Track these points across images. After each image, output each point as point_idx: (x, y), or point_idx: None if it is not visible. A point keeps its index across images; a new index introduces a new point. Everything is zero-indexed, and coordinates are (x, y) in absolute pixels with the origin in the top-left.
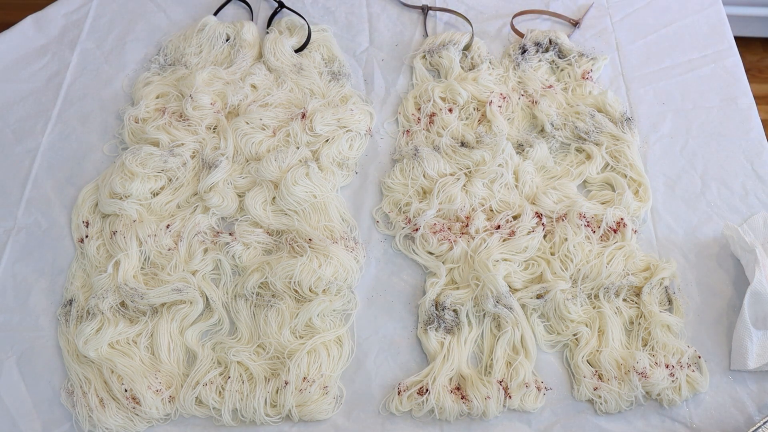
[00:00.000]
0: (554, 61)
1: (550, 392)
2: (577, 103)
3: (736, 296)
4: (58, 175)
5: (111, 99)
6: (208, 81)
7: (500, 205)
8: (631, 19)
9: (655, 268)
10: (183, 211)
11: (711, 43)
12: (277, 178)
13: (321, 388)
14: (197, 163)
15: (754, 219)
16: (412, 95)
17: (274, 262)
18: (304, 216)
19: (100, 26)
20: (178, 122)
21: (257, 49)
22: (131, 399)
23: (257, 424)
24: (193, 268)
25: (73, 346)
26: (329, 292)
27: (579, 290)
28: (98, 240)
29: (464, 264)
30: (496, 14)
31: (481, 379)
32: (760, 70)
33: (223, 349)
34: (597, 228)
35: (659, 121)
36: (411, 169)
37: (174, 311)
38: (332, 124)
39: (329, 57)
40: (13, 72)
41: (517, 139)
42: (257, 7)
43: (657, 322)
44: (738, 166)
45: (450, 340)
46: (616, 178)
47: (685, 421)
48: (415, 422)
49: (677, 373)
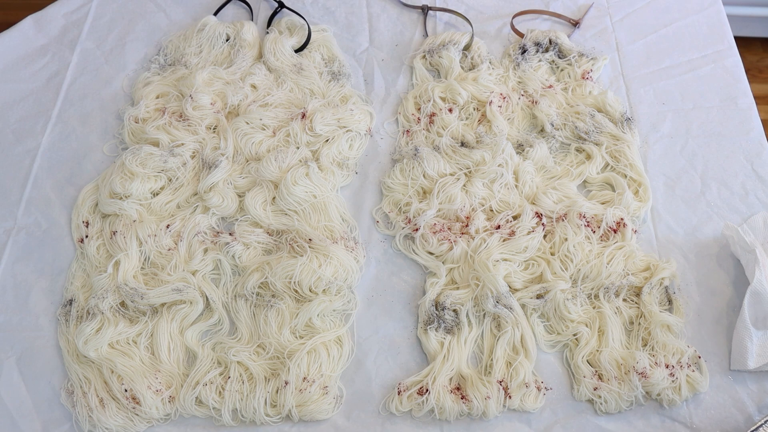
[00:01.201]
0: (554, 61)
1: (550, 392)
2: (577, 103)
3: (736, 296)
4: (58, 175)
5: (111, 99)
6: (208, 81)
7: (500, 205)
8: (631, 19)
9: (655, 268)
10: (183, 211)
11: (711, 43)
12: (277, 178)
13: (321, 388)
14: (197, 163)
15: (754, 219)
16: (412, 95)
17: (274, 262)
18: (304, 216)
19: (100, 26)
20: (178, 122)
21: (257, 49)
22: (131, 399)
23: (257, 424)
24: (193, 268)
25: (73, 346)
26: (329, 292)
27: (579, 290)
28: (98, 240)
29: (464, 264)
30: (496, 14)
31: (481, 379)
32: (760, 70)
33: (223, 349)
34: (597, 228)
35: (659, 121)
36: (411, 169)
37: (174, 311)
38: (332, 124)
39: (329, 57)
40: (13, 72)
41: (517, 139)
42: (257, 7)
43: (657, 322)
44: (738, 166)
45: (450, 340)
46: (616, 178)
47: (685, 421)
48: (415, 422)
49: (677, 373)
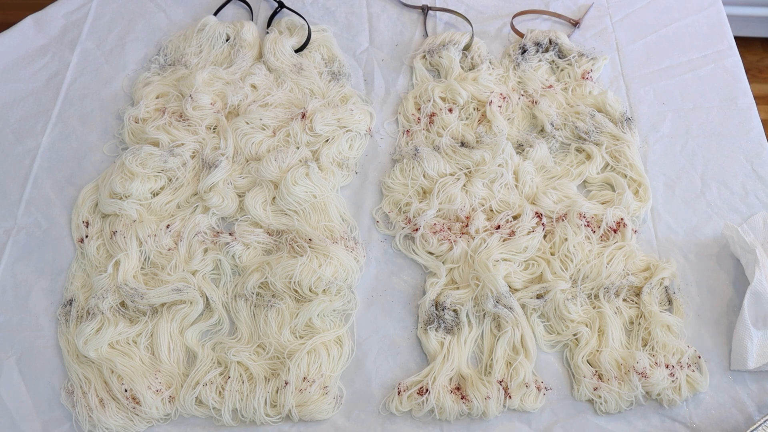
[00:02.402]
0: (554, 61)
1: (550, 392)
2: (577, 103)
3: (736, 296)
4: (58, 175)
5: (111, 99)
6: (208, 81)
7: (500, 205)
8: (631, 19)
9: (655, 268)
10: (183, 211)
11: (711, 43)
12: (277, 178)
13: (321, 388)
14: (197, 163)
15: (754, 219)
16: (412, 95)
17: (274, 262)
18: (304, 216)
19: (100, 26)
20: (178, 122)
21: (257, 49)
22: (131, 399)
23: (257, 424)
24: (193, 268)
25: (73, 346)
26: (329, 292)
27: (579, 290)
28: (98, 240)
29: (464, 264)
30: (496, 14)
31: (481, 379)
32: (760, 70)
33: (223, 349)
34: (597, 228)
35: (659, 121)
36: (411, 169)
37: (174, 311)
38: (332, 124)
39: (329, 57)
40: (13, 72)
41: (517, 139)
42: (257, 7)
43: (657, 322)
44: (738, 166)
45: (450, 340)
46: (616, 178)
47: (685, 421)
48: (415, 422)
49: (677, 373)
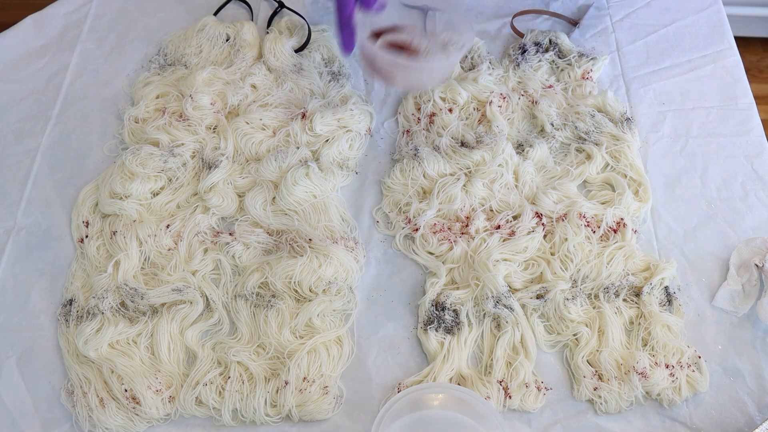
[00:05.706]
0: (554, 61)
1: (550, 392)
2: (577, 103)
3: None
4: (58, 175)
5: (111, 99)
6: (208, 81)
7: (500, 205)
8: (631, 19)
9: (655, 268)
10: (183, 211)
11: (711, 43)
12: (277, 178)
13: (321, 388)
14: (197, 163)
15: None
16: (412, 95)
17: (274, 262)
18: (304, 216)
19: (100, 26)
20: (178, 122)
21: (257, 49)
22: (131, 399)
23: (257, 424)
24: (193, 268)
25: (73, 346)
26: (329, 292)
27: (579, 290)
28: (98, 240)
29: (464, 264)
30: (496, 14)
31: (481, 379)
32: (760, 70)
33: (223, 349)
34: (597, 228)
35: (659, 121)
36: (411, 169)
37: (174, 311)
38: (332, 124)
39: (329, 57)
40: (13, 72)
41: (517, 139)
42: (257, 7)
43: (657, 322)
44: (738, 166)
45: (450, 340)
46: (616, 178)
47: (685, 421)
48: None
49: (677, 373)
